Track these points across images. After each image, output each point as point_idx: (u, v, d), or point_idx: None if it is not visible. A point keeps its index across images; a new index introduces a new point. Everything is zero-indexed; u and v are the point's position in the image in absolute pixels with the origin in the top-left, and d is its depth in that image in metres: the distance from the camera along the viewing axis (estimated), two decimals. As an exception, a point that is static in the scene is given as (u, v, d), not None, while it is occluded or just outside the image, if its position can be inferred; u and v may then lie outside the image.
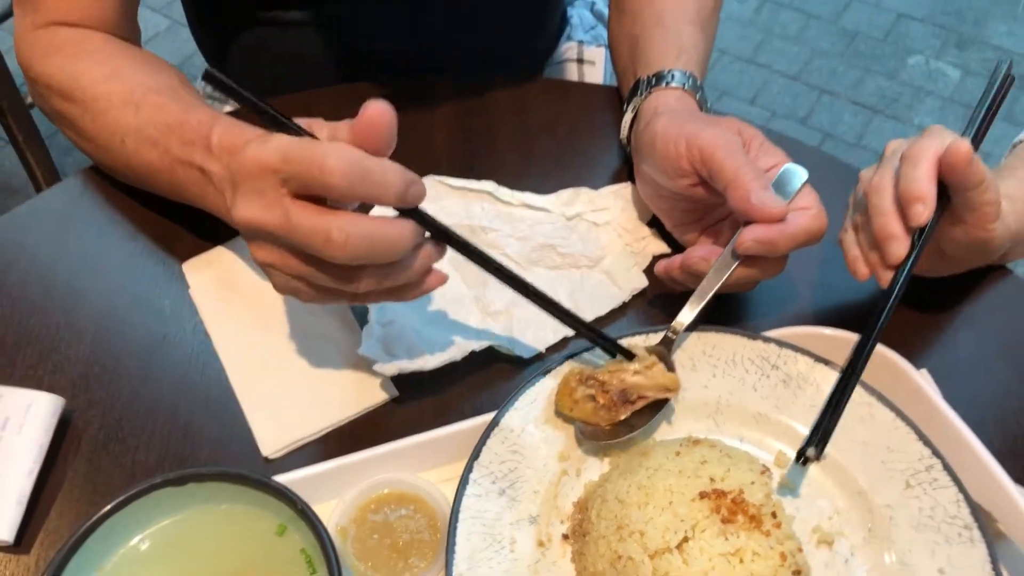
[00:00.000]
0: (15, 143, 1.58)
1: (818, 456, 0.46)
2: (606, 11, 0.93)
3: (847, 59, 1.94)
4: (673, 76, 0.61)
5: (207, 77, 0.43)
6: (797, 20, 2.02)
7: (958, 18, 2.02)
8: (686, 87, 0.60)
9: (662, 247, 0.62)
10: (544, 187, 0.64)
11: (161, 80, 0.58)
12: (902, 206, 0.50)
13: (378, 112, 0.42)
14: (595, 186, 0.64)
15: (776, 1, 2.06)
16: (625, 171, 0.66)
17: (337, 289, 0.44)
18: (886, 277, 0.51)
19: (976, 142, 0.53)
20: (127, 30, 0.65)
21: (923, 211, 0.48)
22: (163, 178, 0.56)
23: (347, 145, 0.42)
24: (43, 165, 1.62)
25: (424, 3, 0.74)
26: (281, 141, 0.42)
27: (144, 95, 0.56)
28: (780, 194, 0.52)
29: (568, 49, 0.90)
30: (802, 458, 0.47)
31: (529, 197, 0.63)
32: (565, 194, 0.64)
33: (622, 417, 0.49)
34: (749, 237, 0.50)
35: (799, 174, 0.53)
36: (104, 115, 0.57)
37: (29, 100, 1.56)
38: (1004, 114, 1.74)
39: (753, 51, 1.96)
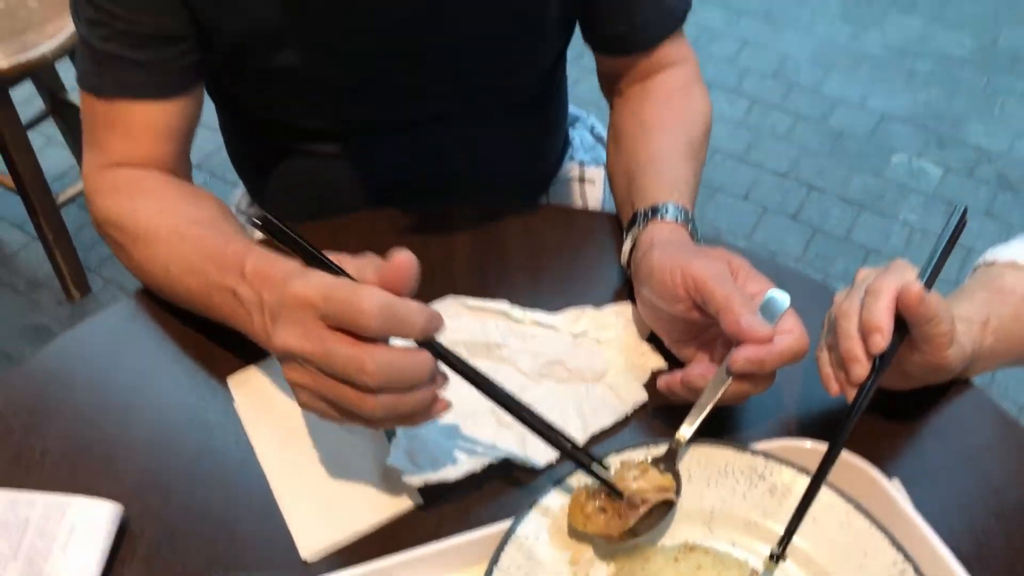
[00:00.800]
0: (44, 241, 1.67)
1: (782, 555, 0.52)
2: (604, 133, 1.02)
3: (834, 157, 2.04)
4: (667, 210, 0.68)
5: (258, 224, 0.50)
6: (785, 121, 2.13)
7: (938, 119, 2.13)
8: (679, 220, 0.68)
9: (661, 362, 0.68)
10: (552, 305, 0.71)
11: (205, 213, 0.66)
12: (863, 334, 0.56)
13: (404, 261, 0.50)
14: (598, 304, 0.71)
15: (765, 103, 2.17)
16: (625, 291, 0.73)
17: (356, 411, 0.50)
18: (850, 394, 0.57)
19: (931, 280, 0.59)
20: (180, 167, 0.73)
21: (880, 341, 0.55)
22: (201, 301, 0.63)
23: (378, 289, 0.48)
24: (68, 261, 1.71)
25: (441, 135, 0.82)
26: (323, 281, 0.49)
27: (188, 228, 0.64)
28: (765, 317, 0.59)
29: (571, 169, 0.99)
30: (773, 556, 0.52)
31: (539, 315, 0.70)
32: (571, 312, 0.71)
33: (631, 523, 0.54)
34: (741, 357, 0.56)
35: (782, 299, 0.60)
36: (153, 246, 0.65)
37: (60, 200, 1.65)
38: (984, 210, 1.83)
39: (745, 150, 2.06)
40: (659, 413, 0.65)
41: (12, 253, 1.83)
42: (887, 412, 0.63)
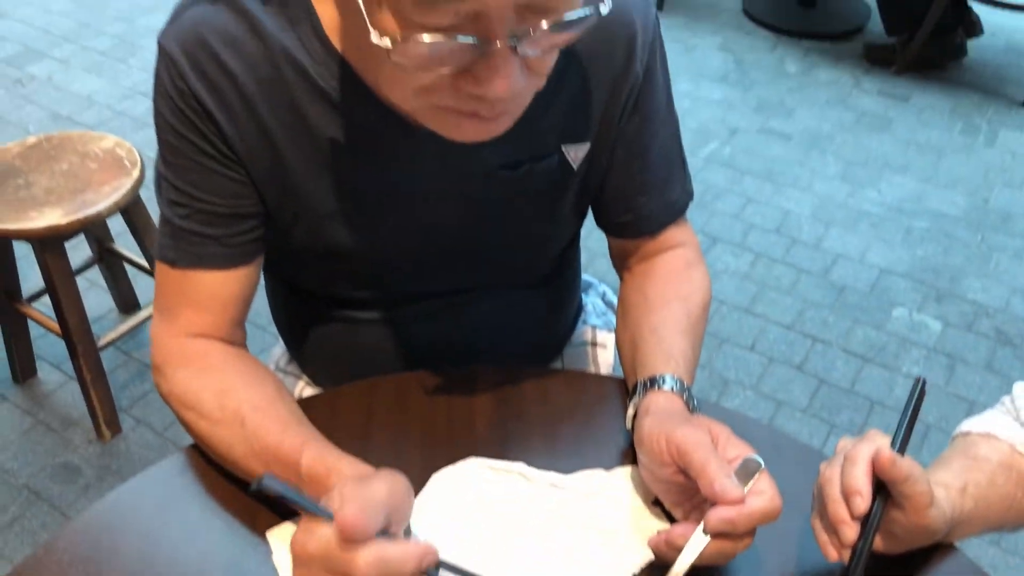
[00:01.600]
0: (82, 381, 1.75)
1: None
2: (614, 300, 1.11)
3: (837, 310, 2.13)
4: (664, 380, 0.76)
5: (256, 494, 0.59)
6: (789, 274, 2.23)
7: (935, 275, 2.23)
8: (675, 390, 0.75)
9: (666, 523, 0.74)
10: (566, 467, 0.77)
11: (264, 395, 0.74)
12: (845, 497, 0.63)
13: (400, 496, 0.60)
14: (608, 467, 0.78)
15: (769, 257, 2.28)
16: (631, 454, 0.79)
17: None
18: (845, 555, 0.63)
19: (903, 444, 0.66)
20: (239, 330, 0.83)
21: (861, 503, 0.61)
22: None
23: (373, 546, 0.57)
24: (103, 401, 1.78)
25: (469, 304, 0.91)
26: (325, 540, 0.57)
27: (249, 413, 0.72)
28: (741, 480, 0.65)
29: (584, 332, 1.07)
30: None
31: (553, 477, 0.77)
32: (583, 475, 0.77)
33: None
34: (714, 517, 0.63)
35: (757, 463, 0.66)
36: (217, 426, 0.73)
37: (101, 343, 1.75)
38: (985, 364, 1.88)
39: (750, 302, 2.15)
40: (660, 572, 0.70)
41: (49, 392, 1.91)
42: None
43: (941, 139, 2.73)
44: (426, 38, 0.55)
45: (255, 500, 0.74)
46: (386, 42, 0.56)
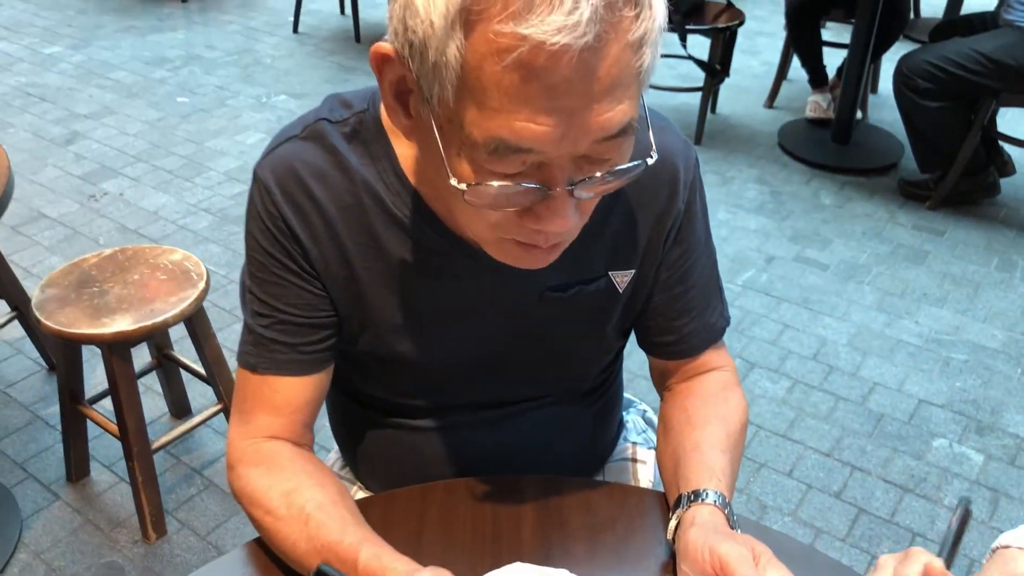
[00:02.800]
0: (133, 483, 1.81)
1: None
2: (654, 418, 1.15)
3: (875, 439, 2.13)
4: (707, 494, 0.80)
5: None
6: (827, 401, 2.25)
7: (975, 407, 2.23)
8: (717, 504, 0.79)
9: (702, 634, 0.76)
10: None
11: (327, 496, 0.80)
12: None
13: None
14: (648, 577, 0.81)
15: (807, 383, 2.31)
16: (671, 565, 0.82)
17: None
18: None
19: (948, 563, 0.69)
20: (307, 433, 0.89)
21: None
22: None
23: None
24: (152, 503, 1.83)
25: (517, 415, 0.97)
26: None
27: (313, 512, 0.78)
28: None
29: (624, 449, 1.12)
30: None
31: (595, 584, 0.80)
32: (624, 583, 0.80)
33: None
34: None
35: None
36: (282, 522, 0.79)
37: (153, 446, 1.81)
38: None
39: (787, 427, 2.17)
40: None
41: (100, 492, 1.96)
42: None
43: (977, 273, 2.78)
44: (495, 184, 0.63)
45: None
46: (463, 186, 0.64)
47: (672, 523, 0.81)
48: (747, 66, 4.30)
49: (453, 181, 0.65)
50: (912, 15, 4.40)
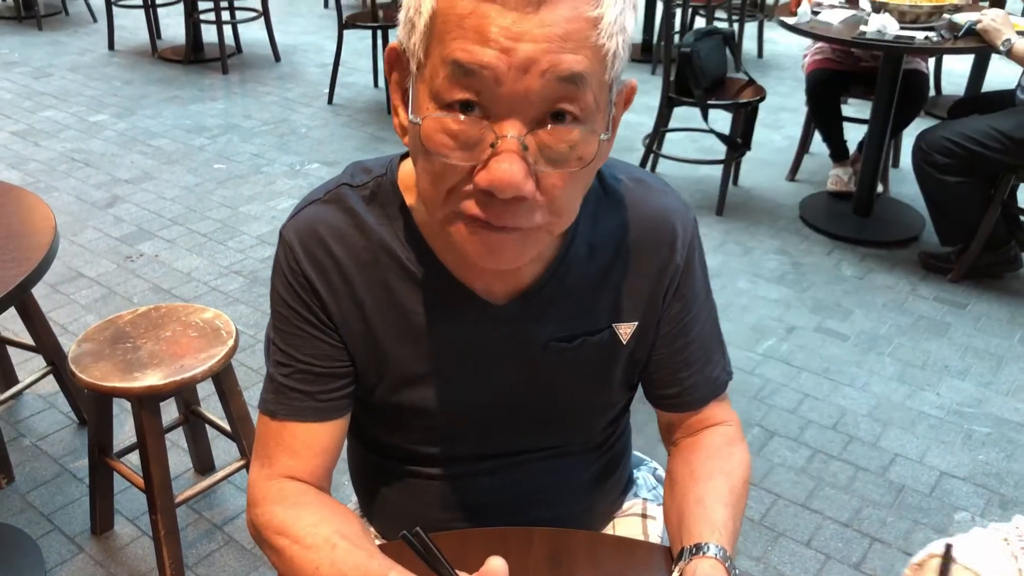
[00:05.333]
0: (156, 536, 1.84)
1: None
2: (664, 475, 1.18)
3: (896, 511, 2.11)
4: (709, 548, 0.82)
5: (408, 539, 0.67)
6: (846, 471, 2.24)
7: (998, 480, 2.21)
8: (719, 557, 0.81)
9: None
10: (611, 626, 0.83)
11: (352, 529, 0.83)
12: None
13: (497, 567, 0.65)
14: (652, 628, 0.83)
15: (826, 453, 2.30)
16: (675, 617, 0.84)
17: None
18: None
19: None
20: (326, 479, 0.93)
21: None
22: None
23: None
24: (173, 557, 1.86)
25: (527, 467, 1.00)
26: None
27: (339, 540, 0.81)
28: None
29: (634, 505, 1.14)
30: None
31: (599, 633, 0.82)
32: (627, 633, 0.82)
33: None
34: None
35: None
36: (309, 550, 0.81)
37: (178, 500, 1.85)
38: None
39: (806, 497, 2.15)
40: None
41: (123, 546, 2.00)
42: None
43: (1000, 346, 2.77)
44: (448, 115, 0.71)
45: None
46: (419, 120, 0.72)
47: (675, 574, 0.83)
48: (769, 140, 4.38)
49: (412, 115, 0.73)
50: (933, 92, 4.47)
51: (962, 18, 3.00)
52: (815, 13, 3.24)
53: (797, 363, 2.67)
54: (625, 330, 0.94)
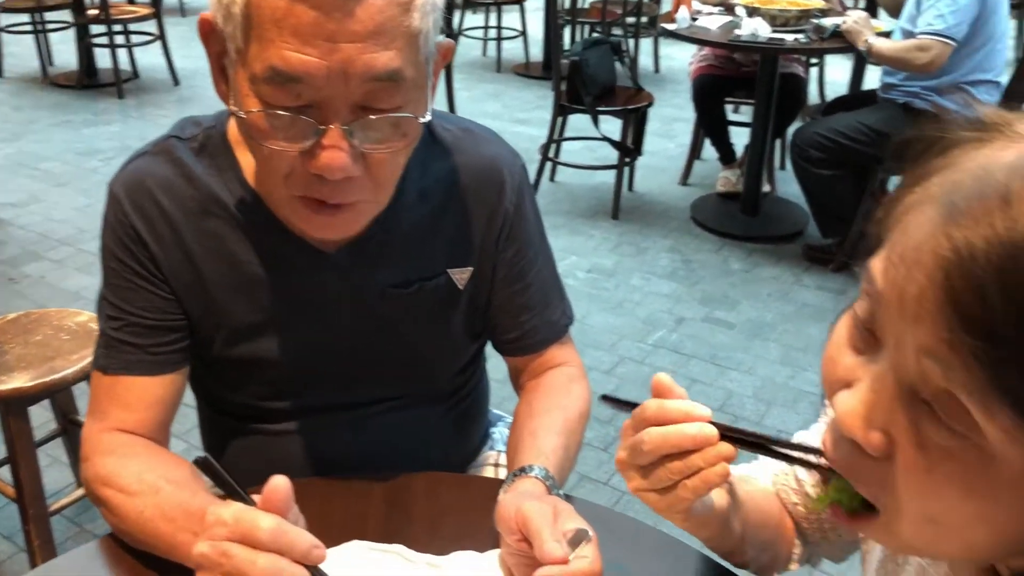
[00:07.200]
0: (30, 550, 1.78)
1: None
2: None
3: None
4: (532, 468, 0.85)
5: (199, 463, 0.68)
6: (732, 449, 2.31)
7: (872, 448, 2.31)
8: (539, 477, 0.85)
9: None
10: (443, 551, 0.85)
11: (180, 473, 0.84)
12: None
13: (280, 484, 0.67)
14: (481, 550, 0.85)
15: (713, 433, 2.37)
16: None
17: None
18: None
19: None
20: (162, 433, 0.92)
21: None
22: (165, 542, 0.79)
23: (277, 516, 0.66)
24: (48, 568, 1.79)
25: (375, 418, 1.01)
26: (235, 507, 0.67)
27: (165, 484, 0.81)
28: (572, 548, 0.73)
29: (489, 456, 1.16)
30: None
31: (431, 558, 0.84)
32: (458, 555, 0.84)
33: None
34: (539, 574, 0.70)
35: (587, 533, 0.74)
36: (132, 497, 0.82)
37: (52, 508, 1.79)
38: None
39: (694, 475, 2.21)
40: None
41: (-3, 562, 1.92)
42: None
43: (877, 328, 2.90)
44: (271, 112, 0.73)
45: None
46: (243, 113, 0.74)
47: (500, 498, 0.86)
48: (664, 148, 4.52)
49: (234, 107, 0.76)
50: (818, 100, 4.70)
51: (828, 22, 3.17)
52: (694, 19, 3.38)
53: (687, 351, 2.75)
54: (460, 275, 0.97)
